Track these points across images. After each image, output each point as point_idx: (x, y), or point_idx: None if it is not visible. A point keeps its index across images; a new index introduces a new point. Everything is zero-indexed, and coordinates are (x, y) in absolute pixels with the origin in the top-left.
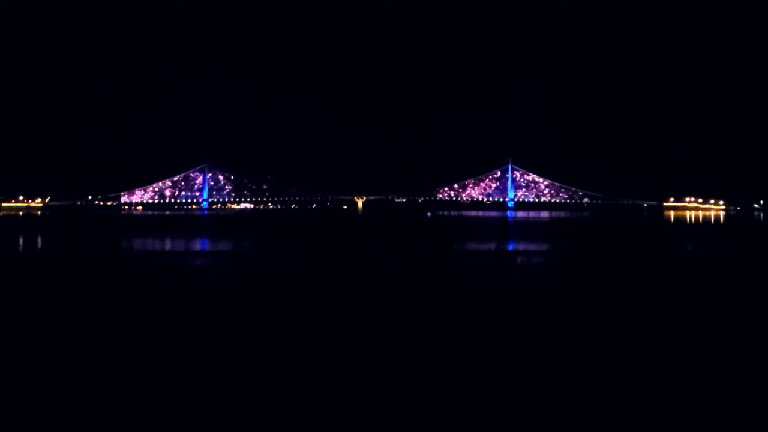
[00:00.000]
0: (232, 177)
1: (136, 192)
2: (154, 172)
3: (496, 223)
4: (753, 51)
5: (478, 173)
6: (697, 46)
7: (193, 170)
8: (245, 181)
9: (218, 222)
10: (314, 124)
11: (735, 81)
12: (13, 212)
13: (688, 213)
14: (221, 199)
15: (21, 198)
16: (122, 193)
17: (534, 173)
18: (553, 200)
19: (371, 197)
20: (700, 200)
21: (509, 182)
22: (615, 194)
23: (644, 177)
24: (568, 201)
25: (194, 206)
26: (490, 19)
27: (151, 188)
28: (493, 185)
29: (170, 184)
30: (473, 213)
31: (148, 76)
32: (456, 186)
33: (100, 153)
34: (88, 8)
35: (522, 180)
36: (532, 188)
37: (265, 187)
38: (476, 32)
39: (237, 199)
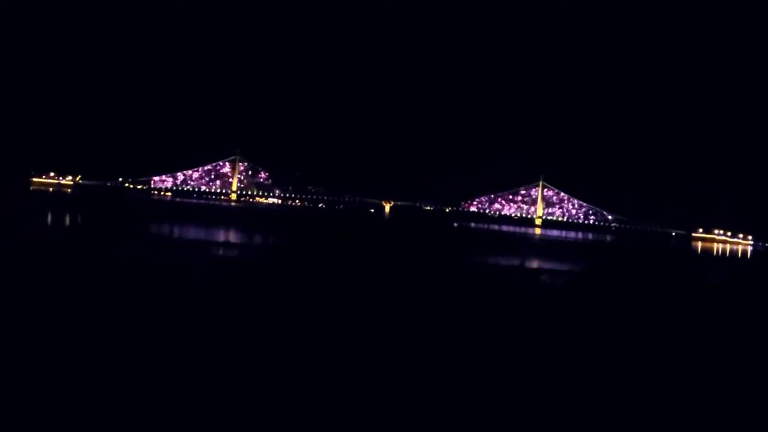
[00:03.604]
0: (261, 171)
1: (166, 178)
2: (185, 160)
3: (526, 241)
4: None
5: (508, 188)
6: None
7: (224, 161)
8: (276, 176)
9: (250, 215)
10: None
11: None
12: (43, 188)
13: (715, 245)
14: (250, 192)
15: (52, 174)
16: (152, 178)
17: (565, 192)
18: (581, 221)
19: (399, 203)
20: (729, 233)
21: (539, 200)
22: (643, 220)
23: (675, 204)
24: (596, 223)
25: (222, 197)
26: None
27: (180, 175)
28: (524, 201)
29: (200, 173)
30: (502, 228)
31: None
32: (484, 199)
33: (126, 138)
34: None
35: (553, 199)
36: (562, 207)
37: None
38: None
39: (266, 194)
